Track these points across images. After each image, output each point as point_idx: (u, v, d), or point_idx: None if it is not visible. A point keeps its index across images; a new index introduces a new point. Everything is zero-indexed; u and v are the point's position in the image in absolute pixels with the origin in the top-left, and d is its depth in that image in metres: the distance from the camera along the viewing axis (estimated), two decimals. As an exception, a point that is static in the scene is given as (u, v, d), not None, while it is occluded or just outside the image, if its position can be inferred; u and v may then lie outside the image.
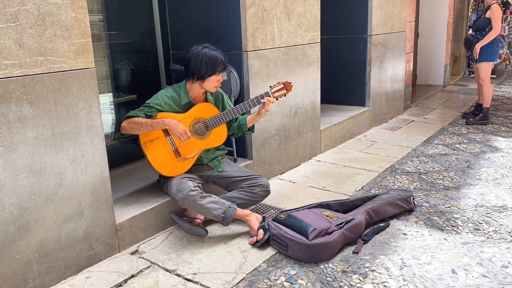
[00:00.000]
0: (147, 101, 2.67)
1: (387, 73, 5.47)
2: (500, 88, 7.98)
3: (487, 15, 5.06)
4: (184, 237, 2.69)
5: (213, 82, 2.66)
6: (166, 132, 2.66)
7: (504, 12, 7.76)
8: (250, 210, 2.90)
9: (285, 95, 2.82)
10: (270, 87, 2.79)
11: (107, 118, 3.43)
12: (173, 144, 2.68)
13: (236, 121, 2.90)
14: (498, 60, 5.37)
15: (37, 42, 2.03)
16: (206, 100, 2.80)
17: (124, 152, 3.41)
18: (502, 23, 5.85)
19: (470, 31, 5.37)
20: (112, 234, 2.46)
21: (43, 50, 2.05)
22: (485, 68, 5.26)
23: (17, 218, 2.03)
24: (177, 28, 3.62)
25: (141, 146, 2.63)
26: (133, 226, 2.58)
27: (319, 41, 4.05)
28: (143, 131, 2.59)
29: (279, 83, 2.79)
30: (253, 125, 2.91)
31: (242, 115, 2.86)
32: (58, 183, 2.17)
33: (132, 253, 2.53)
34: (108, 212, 2.42)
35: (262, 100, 2.72)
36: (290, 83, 2.81)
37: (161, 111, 2.65)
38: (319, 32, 4.04)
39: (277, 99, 2.78)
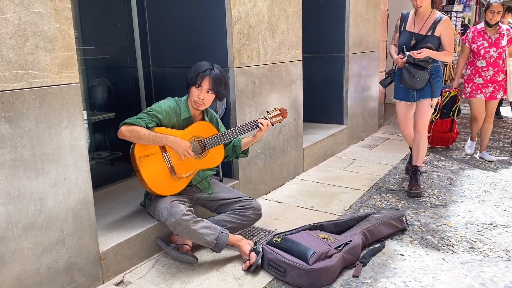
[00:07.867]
0: (148, 108, 2.51)
1: (363, 91, 5.51)
2: (465, 106, 8.23)
3: None
4: (172, 265, 2.51)
5: (192, 95, 2.54)
6: (163, 147, 2.51)
7: None
8: (240, 232, 2.76)
9: (280, 122, 2.77)
10: (267, 112, 2.75)
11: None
12: (169, 161, 2.52)
13: (230, 144, 2.78)
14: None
15: (17, 54, 1.84)
16: (203, 119, 2.68)
17: (102, 173, 3.20)
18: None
19: None
20: (95, 264, 2.25)
21: (23, 63, 1.87)
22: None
23: (-8, 250, 1.81)
24: (158, 44, 3.48)
25: (136, 161, 2.45)
26: (117, 254, 2.38)
27: (301, 58, 4.01)
28: (143, 142, 2.43)
29: (275, 109, 2.76)
30: (247, 148, 2.82)
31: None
32: (38, 210, 1.96)
33: (117, 284, 2.32)
34: (91, 240, 2.22)
35: (260, 124, 2.65)
36: (286, 110, 2.80)
37: (160, 120, 2.50)
38: (301, 50, 4.00)
39: (273, 124, 2.74)
